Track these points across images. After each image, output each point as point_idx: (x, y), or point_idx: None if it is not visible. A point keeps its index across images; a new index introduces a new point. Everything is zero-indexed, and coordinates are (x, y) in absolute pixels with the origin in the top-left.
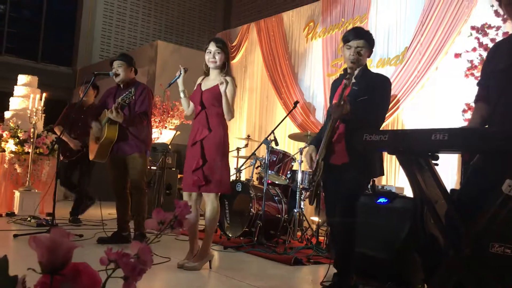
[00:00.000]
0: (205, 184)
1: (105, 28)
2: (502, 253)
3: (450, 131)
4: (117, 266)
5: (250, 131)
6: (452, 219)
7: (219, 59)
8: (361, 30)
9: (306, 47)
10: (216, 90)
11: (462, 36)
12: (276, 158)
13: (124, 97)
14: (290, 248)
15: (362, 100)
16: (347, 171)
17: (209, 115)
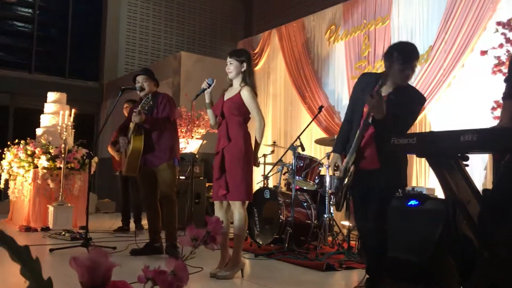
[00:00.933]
0: (229, 193)
1: (129, 41)
2: None
3: (479, 132)
4: (155, 283)
5: (276, 137)
6: (485, 220)
7: (233, 69)
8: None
9: (328, 51)
10: (235, 99)
11: (488, 32)
12: (303, 163)
13: (143, 104)
14: (321, 254)
15: (394, 113)
16: (378, 177)
17: (229, 124)
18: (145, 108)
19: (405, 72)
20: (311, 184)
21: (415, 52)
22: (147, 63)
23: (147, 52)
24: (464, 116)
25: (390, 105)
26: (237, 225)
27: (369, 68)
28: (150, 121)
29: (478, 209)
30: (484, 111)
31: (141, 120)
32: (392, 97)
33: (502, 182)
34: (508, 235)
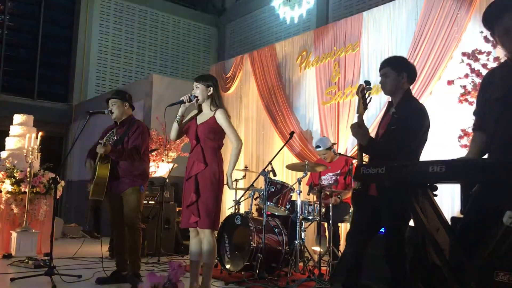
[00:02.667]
0: (200, 220)
1: (100, 63)
2: (508, 281)
3: (447, 163)
4: None
5: (248, 161)
6: (454, 250)
7: (200, 94)
8: (387, 58)
9: (300, 76)
10: (210, 122)
11: (454, 60)
12: (274, 189)
13: (108, 137)
14: (292, 281)
15: (392, 129)
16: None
17: (204, 149)
18: (109, 140)
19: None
20: (282, 209)
21: (383, 61)
22: (118, 85)
23: (119, 74)
24: (432, 143)
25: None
26: (206, 254)
27: (339, 94)
28: (116, 153)
29: (446, 238)
30: (451, 139)
31: (106, 152)
32: (395, 116)
33: (470, 212)
34: (478, 267)
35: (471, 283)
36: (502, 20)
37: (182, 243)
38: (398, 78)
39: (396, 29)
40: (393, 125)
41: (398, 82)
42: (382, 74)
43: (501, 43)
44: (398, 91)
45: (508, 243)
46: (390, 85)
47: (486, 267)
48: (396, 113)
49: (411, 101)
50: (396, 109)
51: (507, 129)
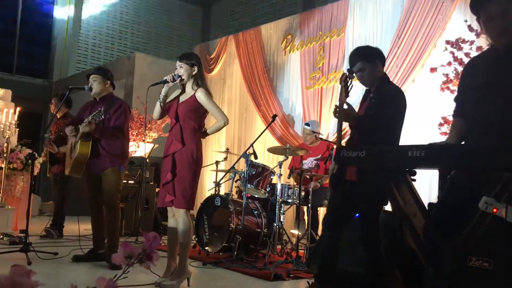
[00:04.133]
0: (174, 199)
1: (82, 40)
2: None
3: (426, 148)
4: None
5: (229, 144)
6: (430, 234)
7: (183, 73)
8: (356, 52)
9: (284, 60)
10: (191, 101)
11: (437, 49)
12: (255, 171)
13: (94, 116)
14: (270, 263)
15: (371, 113)
16: (357, 190)
17: (183, 128)
18: (96, 120)
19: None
20: (262, 192)
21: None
22: (100, 63)
23: (100, 52)
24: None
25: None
26: (182, 233)
27: (323, 79)
28: (100, 131)
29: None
30: (432, 126)
31: (90, 130)
32: (372, 101)
33: (447, 197)
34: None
35: (445, 267)
36: (488, 6)
37: (161, 224)
38: (374, 69)
39: (382, 16)
40: (372, 109)
41: (375, 72)
42: (358, 69)
43: (485, 29)
44: (375, 80)
45: (483, 228)
46: (368, 78)
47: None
48: (373, 97)
49: (388, 84)
50: (374, 94)
51: (486, 116)
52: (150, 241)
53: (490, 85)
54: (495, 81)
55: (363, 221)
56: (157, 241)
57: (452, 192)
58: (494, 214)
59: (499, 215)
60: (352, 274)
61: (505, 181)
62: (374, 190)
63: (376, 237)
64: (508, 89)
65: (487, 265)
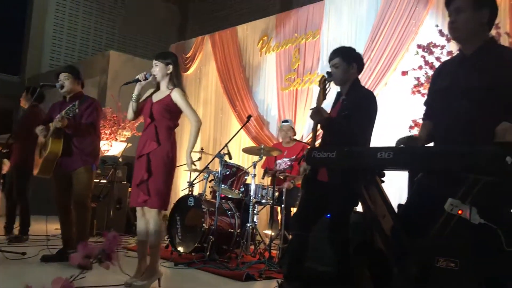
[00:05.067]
0: (147, 199)
1: (56, 36)
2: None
3: (395, 150)
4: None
5: (205, 144)
6: (397, 235)
7: (158, 71)
8: (337, 49)
9: (260, 61)
10: (166, 101)
11: (410, 53)
12: (229, 171)
13: (68, 110)
14: (242, 263)
15: (344, 114)
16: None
17: (158, 127)
18: (69, 114)
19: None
20: (236, 192)
21: (333, 52)
22: (74, 60)
23: (75, 49)
24: (385, 132)
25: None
26: (153, 234)
27: (298, 81)
28: (73, 127)
29: (392, 224)
30: (403, 129)
31: (63, 126)
32: (344, 103)
33: (414, 198)
34: (420, 252)
35: (412, 268)
36: (449, 7)
37: (134, 224)
38: (348, 69)
39: (356, 19)
40: (344, 111)
41: (348, 73)
42: (333, 64)
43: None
44: (348, 81)
45: (448, 229)
46: (340, 75)
47: (428, 252)
48: (346, 99)
49: (360, 88)
50: (346, 96)
51: (451, 119)
52: (110, 241)
53: (455, 88)
54: (460, 83)
55: (333, 221)
56: (117, 242)
57: (419, 194)
58: (460, 216)
59: (464, 216)
60: (321, 273)
61: (470, 183)
62: (345, 191)
63: (345, 237)
64: (472, 90)
65: (453, 265)
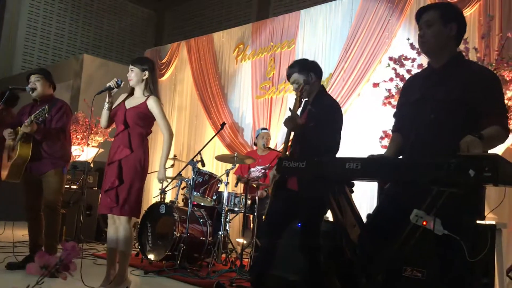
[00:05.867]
0: (116, 206)
1: (29, 38)
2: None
3: (362, 161)
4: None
5: (178, 151)
6: (364, 245)
7: (134, 76)
8: (291, 65)
9: (235, 69)
10: (141, 108)
11: (382, 65)
12: (202, 179)
13: (37, 114)
14: (213, 272)
15: (311, 126)
16: (298, 199)
17: (131, 134)
18: (38, 119)
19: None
20: (208, 200)
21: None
22: (47, 63)
23: (48, 51)
24: (357, 142)
25: (310, 120)
26: (122, 241)
27: (273, 90)
28: (42, 132)
29: (359, 233)
30: (374, 139)
31: (31, 131)
32: (312, 110)
33: (381, 209)
34: (385, 261)
35: (378, 277)
36: (425, 14)
37: (104, 231)
38: (308, 80)
39: (331, 30)
40: (311, 121)
41: (309, 84)
42: (293, 82)
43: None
44: (313, 92)
45: (414, 240)
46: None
47: (394, 262)
48: (312, 109)
49: (324, 96)
50: (312, 105)
51: (419, 132)
52: (68, 250)
53: (423, 101)
54: (428, 96)
55: (303, 230)
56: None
57: (386, 204)
58: (424, 226)
59: (428, 227)
60: (291, 282)
61: (434, 195)
62: (315, 200)
63: (316, 246)
64: (439, 103)
65: (420, 275)
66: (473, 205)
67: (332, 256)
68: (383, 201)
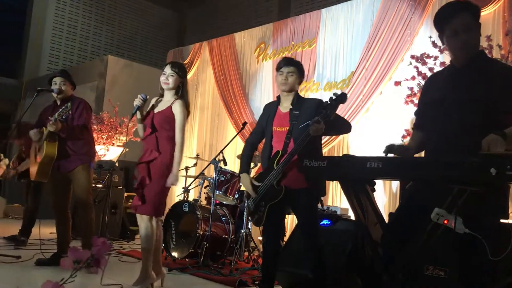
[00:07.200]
0: (140, 205)
1: (55, 40)
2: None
3: (384, 160)
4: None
5: (200, 150)
6: (386, 244)
7: (172, 82)
8: (292, 59)
9: (257, 68)
10: (166, 112)
11: (405, 63)
12: (224, 178)
13: (60, 112)
14: (236, 270)
15: (305, 125)
16: (305, 196)
17: (159, 137)
18: (62, 117)
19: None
20: (230, 199)
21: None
22: (72, 64)
23: (73, 53)
24: (379, 140)
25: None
26: (143, 238)
27: None
28: (66, 130)
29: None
30: (396, 137)
31: (56, 129)
32: (295, 112)
33: (403, 207)
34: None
35: (399, 275)
36: (453, 21)
37: (129, 229)
38: (298, 80)
39: (352, 29)
40: (302, 119)
41: (296, 83)
42: (289, 72)
43: (448, 44)
44: (293, 91)
45: (435, 238)
46: (293, 84)
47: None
48: (294, 109)
49: (304, 98)
50: (295, 107)
51: (442, 131)
52: (99, 246)
53: (446, 100)
54: (452, 96)
55: (306, 229)
56: (107, 247)
57: (408, 203)
58: (446, 225)
59: (449, 226)
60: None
61: (455, 193)
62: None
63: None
64: (463, 103)
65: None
66: (497, 203)
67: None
68: (405, 199)
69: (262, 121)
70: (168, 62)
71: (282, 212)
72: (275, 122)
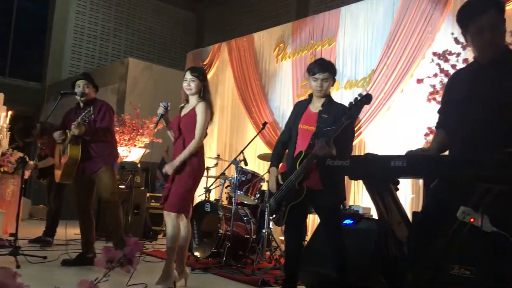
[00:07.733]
0: (168, 202)
1: (76, 43)
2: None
3: (408, 158)
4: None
5: (221, 150)
6: (411, 242)
7: (194, 87)
8: (326, 63)
9: (276, 68)
10: (191, 114)
11: (426, 60)
12: (245, 178)
13: (84, 116)
14: (258, 269)
15: (331, 129)
16: (327, 196)
17: (186, 139)
18: (85, 120)
19: (317, 87)
20: (252, 198)
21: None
22: (93, 67)
23: (94, 56)
24: (400, 139)
25: (323, 125)
26: (169, 237)
27: None
28: (90, 133)
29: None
30: (418, 136)
31: (80, 133)
32: (324, 116)
33: (428, 206)
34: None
35: (424, 274)
36: (479, 18)
37: (151, 229)
38: (331, 84)
39: (372, 26)
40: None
41: (330, 88)
42: (324, 78)
43: (473, 42)
44: (326, 95)
45: (461, 237)
46: (326, 91)
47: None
48: (323, 112)
49: (335, 102)
50: (324, 110)
51: (467, 129)
52: (131, 246)
53: (472, 98)
54: (477, 94)
55: (329, 229)
56: (138, 247)
57: (432, 201)
58: (472, 224)
59: (476, 224)
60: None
61: (481, 192)
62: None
63: (342, 243)
64: (490, 101)
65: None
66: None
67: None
68: (429, 198)
69: (291, 119)
70: (187, 67)
71: (305, 212)
72: (303, 120)
